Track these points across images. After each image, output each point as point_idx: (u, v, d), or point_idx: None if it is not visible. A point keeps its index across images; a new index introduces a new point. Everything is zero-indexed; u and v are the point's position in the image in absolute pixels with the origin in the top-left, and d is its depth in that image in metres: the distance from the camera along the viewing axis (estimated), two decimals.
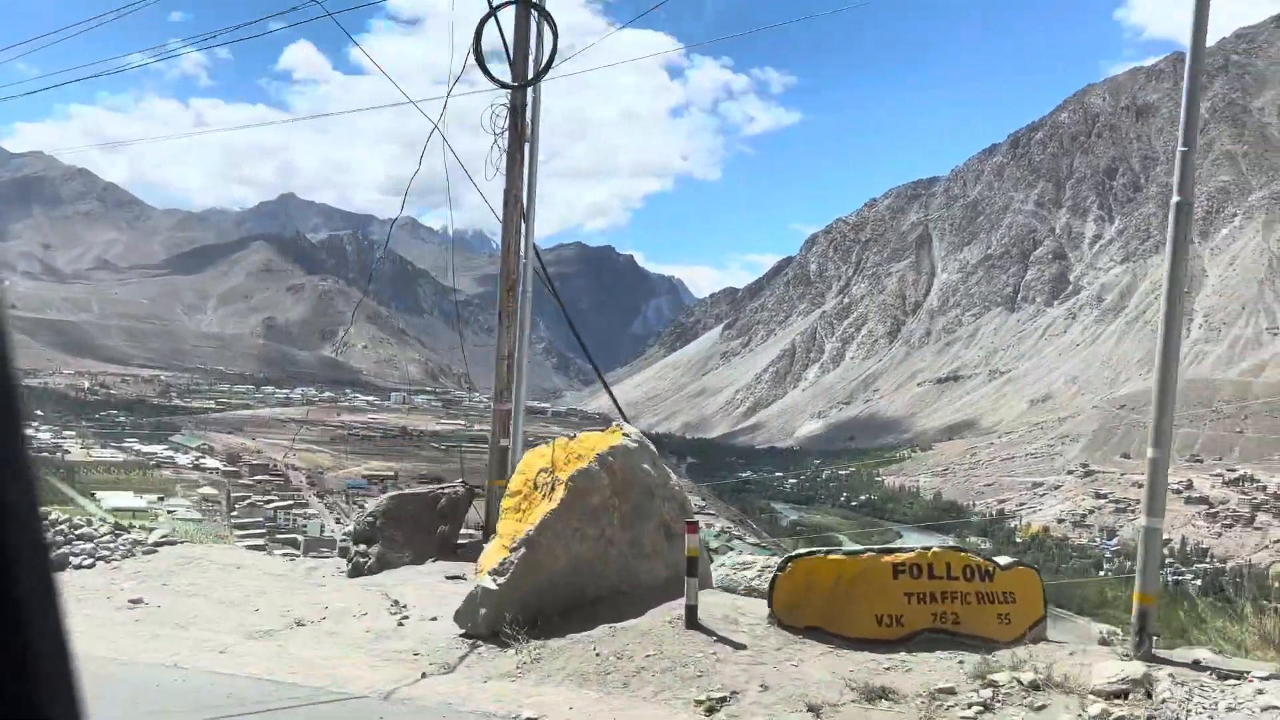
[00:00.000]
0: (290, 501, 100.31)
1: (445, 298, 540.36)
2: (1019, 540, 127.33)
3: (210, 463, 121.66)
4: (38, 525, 1.00)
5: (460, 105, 13.80)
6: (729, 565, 11.50)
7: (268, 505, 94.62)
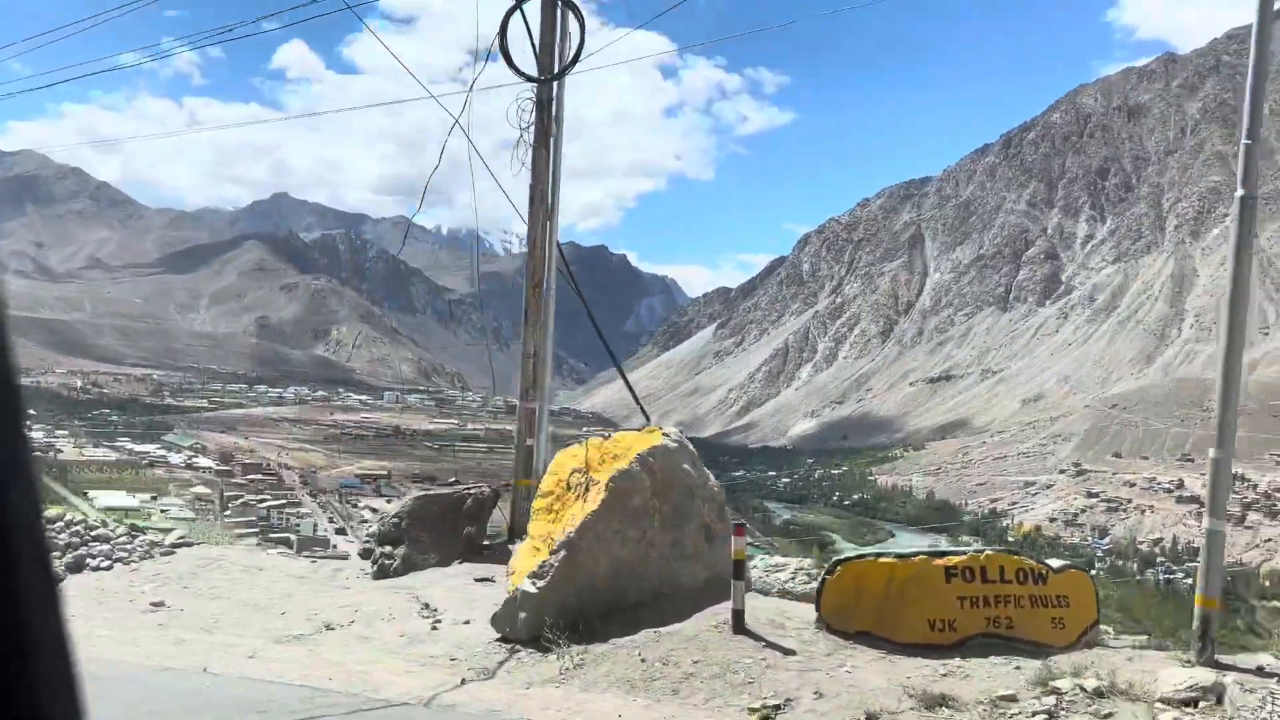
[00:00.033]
0: (283, 501, 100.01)
1: (439, 297, 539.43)
2: (1011, 539, 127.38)
3: (203, 462, 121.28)
4: (39, 526, 1.00)
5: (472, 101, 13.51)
6: (762, 567, 11.33)
7: (261, 504, 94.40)
